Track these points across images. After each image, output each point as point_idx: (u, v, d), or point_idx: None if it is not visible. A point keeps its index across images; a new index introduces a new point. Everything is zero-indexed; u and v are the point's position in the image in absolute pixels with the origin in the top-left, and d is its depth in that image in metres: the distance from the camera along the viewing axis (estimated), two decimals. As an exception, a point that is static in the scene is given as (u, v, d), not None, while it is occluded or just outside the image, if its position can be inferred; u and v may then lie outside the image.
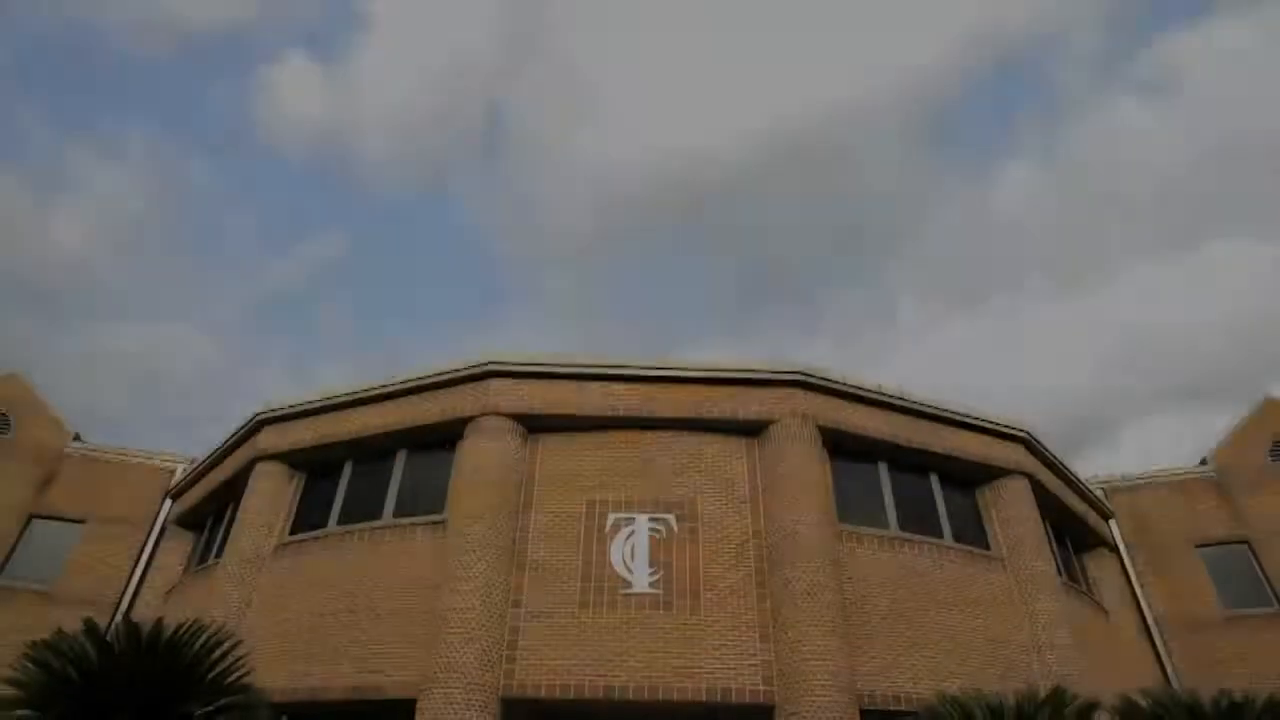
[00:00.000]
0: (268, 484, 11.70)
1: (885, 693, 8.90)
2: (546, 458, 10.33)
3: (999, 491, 11.73)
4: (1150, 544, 14.55)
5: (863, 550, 9.96)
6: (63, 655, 5.78)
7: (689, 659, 8.69)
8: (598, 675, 8.57)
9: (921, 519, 10.88)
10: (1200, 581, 14.02)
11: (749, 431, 10.50)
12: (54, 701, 5.69)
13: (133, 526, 14.14)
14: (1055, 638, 10.29)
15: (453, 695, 8.27)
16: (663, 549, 9.46)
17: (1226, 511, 14.69)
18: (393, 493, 10.75)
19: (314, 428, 11.69)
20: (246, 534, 11.20)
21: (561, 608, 9.05)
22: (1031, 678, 9.58)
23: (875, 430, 10.86)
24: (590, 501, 9.87)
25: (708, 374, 10.59)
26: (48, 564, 13.60)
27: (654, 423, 10.43)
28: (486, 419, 10.32)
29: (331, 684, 9.16)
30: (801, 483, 9.80)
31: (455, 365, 10.83)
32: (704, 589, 9.19)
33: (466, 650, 8.53)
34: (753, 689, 8.58)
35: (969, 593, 10.26)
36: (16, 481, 14.25)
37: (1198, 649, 13.41)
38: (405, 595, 9.50)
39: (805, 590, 8.96)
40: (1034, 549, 11.09)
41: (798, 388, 10.61)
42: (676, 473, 10.12)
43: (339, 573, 10.11)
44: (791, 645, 8.68)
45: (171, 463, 14.92)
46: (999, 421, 11.97)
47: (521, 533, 9.63)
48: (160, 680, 5.84)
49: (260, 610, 10.45)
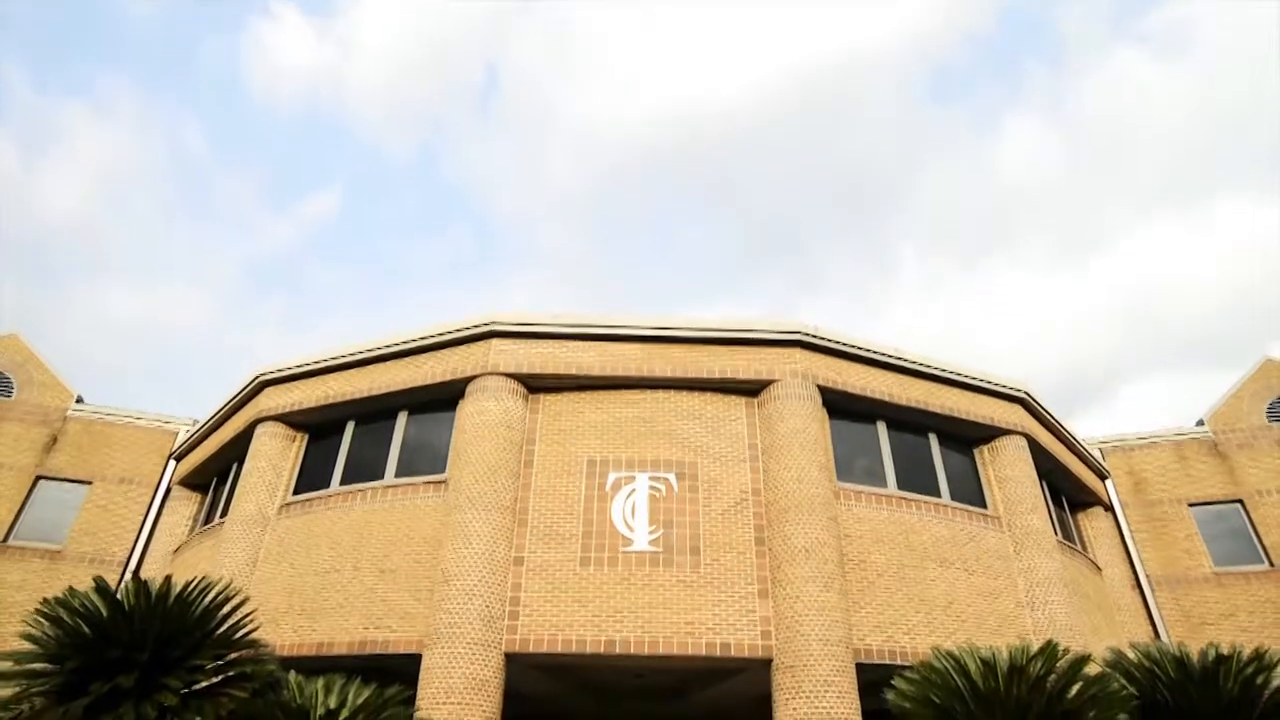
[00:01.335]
0: (270, 445, 11.78)
1: (882, 648, 9.08)
2: (547, 417, 10.39)
3: (997, 451, 11.82)
4: (1145, 503, 14.73)
5: (861, 508, 10.08)
6: (74, 612, 5.88)
7: (689, 615, 8.85)
8: (599, 631, 8.73)
9: (919, 478, 10.99)
10: (1192, 540, 14.23)
11: (749, 390, 10.54)
12: (68, 656, 5.81)
13: (138, 488, 14.29)
14: (1049, 594, 10.46)
15: (456, 650, 8.44)
16: (663, 507, 9.57)
17: (1221, 472, 14.83)
18: (394, 453, 10.83)
19: (315, 388, 11.73)
20: (250, 494, 11.31)
21: (563, 565, 9.18)
22: (1025, 633, 9.79)
23: (874, 390, 10.90)
24: (591, 460, 9.95)
25: (708, 333, 10.59)
26: (56, 525, 13.78)
27: (654, 382, 10.45)
28: (487, 379, 10.34)
29: (337, 639, 9.35)
30: (801, 442, 9.86)
31: (456, 325, 10.81)
32: (704, 546, 9.31)
33: (469, 606, 8.68)
34: (751, 644, 8.75)
35: (965, 550, 10.40)
36: (21, 443, 14.34)
37: (1188, 605, 13.67)
38: (408, 553, 9.64)
39: (804, 548, 9.08)
40: (1030, 508, 11.21)
41: (798, 347, 10.61)
42: (677, 432, 10.18)
43: (343, 531, 10.24)
44: (790, 601, 8.83)
45: (174, 425, 15.01)
46: (998, 381, 12.01)
47: (523, 491, 9.73)
48: (170, 636, 5.96)
49: (266, 568, 10.61)
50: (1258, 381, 15.70)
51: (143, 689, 5.63)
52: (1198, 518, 14.48)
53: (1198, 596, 13.73)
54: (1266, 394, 15.47)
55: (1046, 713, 5.59)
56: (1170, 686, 6.11)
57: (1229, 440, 15.10)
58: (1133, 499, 14.78)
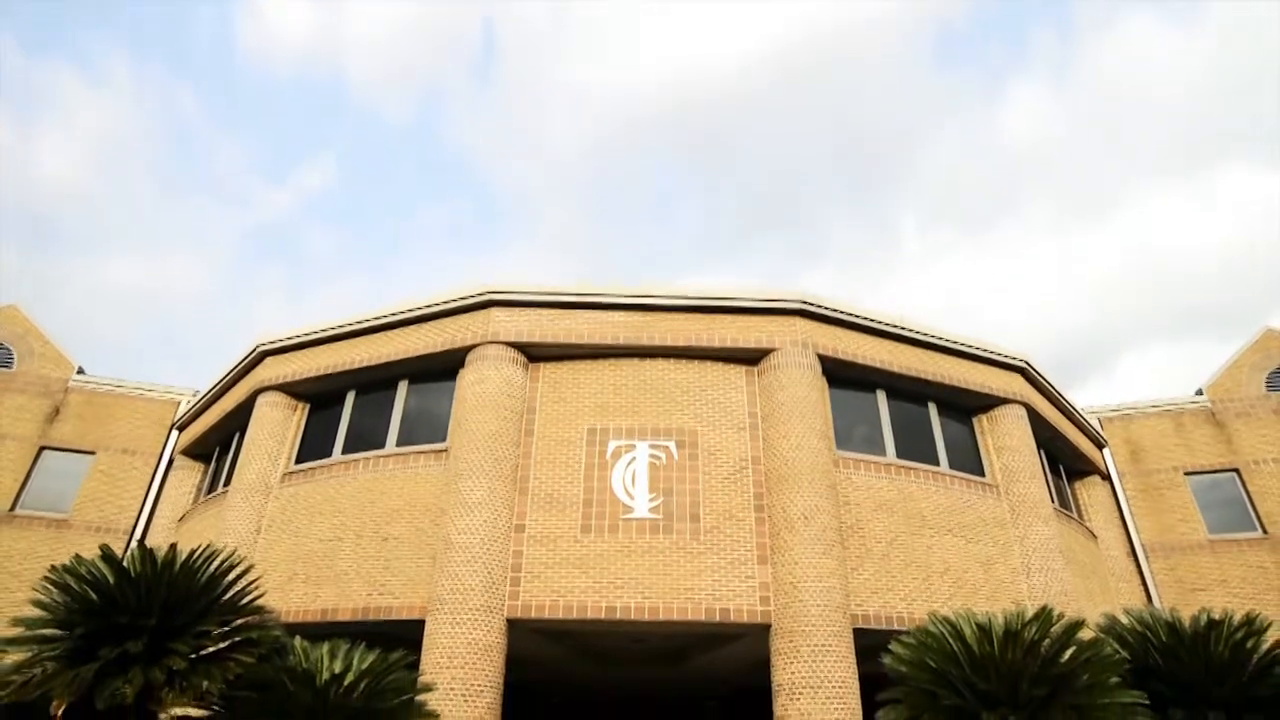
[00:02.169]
0: (271, 414, 11.82)
1: (879, 613, 9.20)
2: (547, 386, 10.41)
3: (996, 420, 11.87)
4: (1142, 472, 14.83)
5: (860, 477, 10.15)
6: (82, 579, 5.95)
7: (689, 581, 8.96)
8: (600, 597, 8.84)
9: (918, 446, 11.04)
10: (1188, 508, 14.35)
11: (749, 359, 10.54)
12: (77, 622, 5.89)
13: (141, 458, 14.38)
14: (1045, 562, 10.58)
15: (459, 616, 8.56)
16: (663, 475, 9.63)
17: (1218, 441, 14.90)
18: (395, 422, 10.87)
19: (315, 358, 11.74)
20: (253, 464, 11.38)
21: (564, 532, 9.27)
22: (1021, 599, 9.92)
23: (874, 358, 10.90)
24: (591, 429, 9.99)
25: (708, 302, 10.56)
26: (61, 494, 13.90)
27: (654, 350, 10.46)
28: (487, 348, 10.34)
29: (341, 605, 9.48)
30: (801, 410, 9.90)
31: (456, 294, 10.78)
32: (703, 514, 9.39)
33: (471, 573, 8.78)
34: (750, 610, 8.87)
35: (963, 518, 10.49)
36: (24, 414, 14.40)
37: (1182, 572, 13.84)
38: (410, 521, 9.72)
39: (802, 515, 9.16)
40: (1028, 476, 11.29)
41: (798, 316, 10.60)
42: (677, 400, 10.21)
43: (345, 500, 10.32)
44: (788, 568, 8.93)
45: (175, 395, 15.05)
46: (998, 351, 12.01)
47: (523, 460, 9.78)
48: (176, 602, 6.04)
49: (270, 536, 10.71)
50: (1257, 352, 15.71)
51: (151, 654, 5.72)
52: (1193, 486, 14.59)
53: (1191, 563, 13.89)
54: (1266, 364, 15.49)
55: (1040, 676, 5.69)
56: (1162, 650, 6.21)
57: (1227, 410, 15.15)
58: (1130, 468, 14.87)
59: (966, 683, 5.78)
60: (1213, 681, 5.93)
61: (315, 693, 6.25)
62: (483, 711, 8.21)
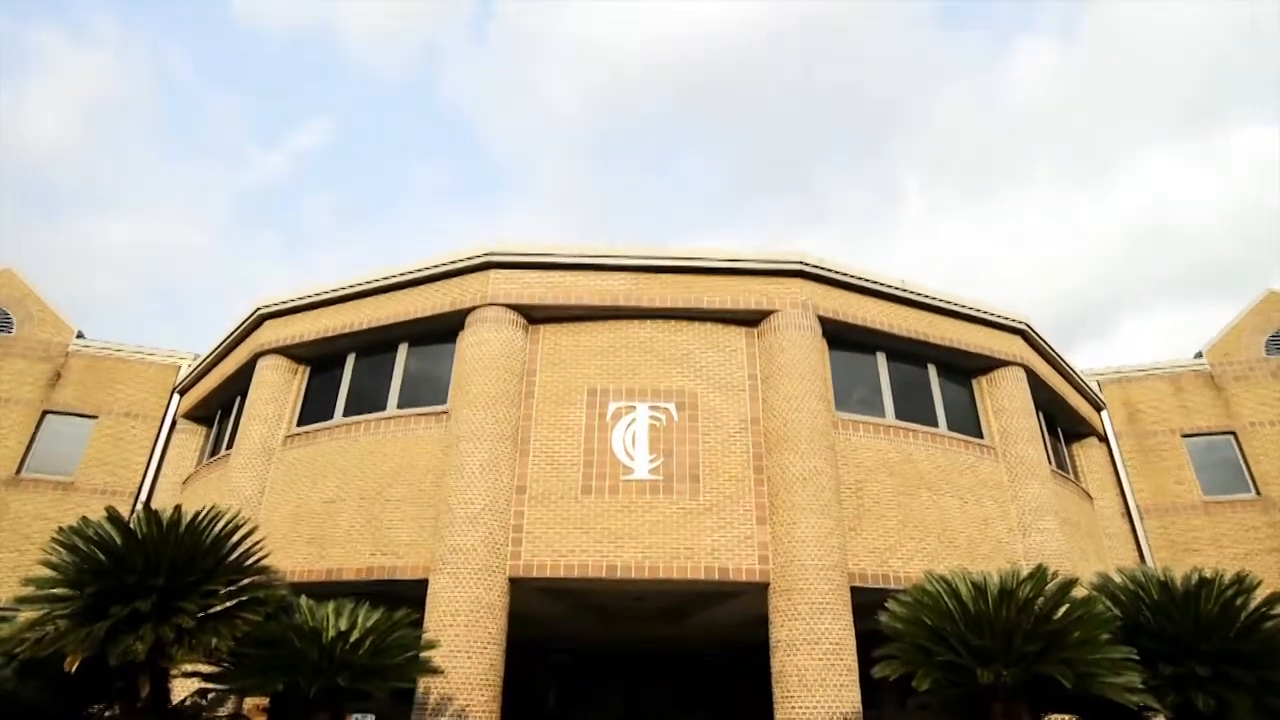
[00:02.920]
0: (272, 377, 11.85)
1: (876, 572, 9.34)
2: (547, 347, 10.41)
3: (995, 382, 11.90)
4: (1139, 434, 14.93)
5: (859, 438, 10.21)
6: (90, 540, 6.03)
7: (688, 541, 9.08)
8: (600, 556, 8.97)
9: (917, 408, 11.09)
10: (1183, 470, 14.48)
11: (749, 320, 10.53)
12: (87, 582, 5.98)
13: (144, 421, 14.47)
14: (1041, 522, 10.71)
15: (461, 575, 8.69)
16: (663, 436, 9.70)
17: (1216, 404, 14.97)
18: (396, 384, 10.91)
19: (315, 321, 11.73)
20: (255, 426, 11.45)
21: (564, 493, 9.36)
22: (1016, 558, 10.06)
23: (875, 320, 10.89)
24: (591, 390, 10.02)
25: (708, 263, 10.51)
26: (66, 458, 14.02)
27: (654, 312, 10.44)
28: (486, 309, 10.32)
29: (346, 565, 9.62)
30: (800, 371, 9.92)
31: (454, 256, 10.73)
32: (703, 474, 9.47)
33: (472, 533, 8.90)
34: (749, 568, 9.01)
35: (961, 479, 10.59)
36: (25, 379, 14.44)
37: (1175, 533, 14.02)
38: (412, 482, 9.81)
39: (801, 476, 9.25)
40: (1026, 438, 11.36)
41: (798, 277, 10.56)
42: (677, 361, 10.23)
43: (347, 462, 10.40)
44: (787, 527, 9.04)
45: (176, 359, 15.08)
46: (998, 313, 12.00)
47: (524, 421, 9.83)
48: (183, 562, 6.12)
49: (273, 498, 10.83)
50: (1258, 314, 15.68)
51: (160, 613, 5.82)
52: (1190, 449, 14.70)
53: (1184, 524, 14.06)
54: (1267, 327, 15.47)
55: (1033, 633, 5.80)
56: (1153, 608, 6.32)
57: (1226, 373, 15.19)
58: (1127, 430, 14.96)
59: (961, 639, 5.89)
60: (1201, 637, 6.04)
61: (322, 649, 6.38)
62: (486, 668, 8.39)
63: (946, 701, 6.47)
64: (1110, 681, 5.53)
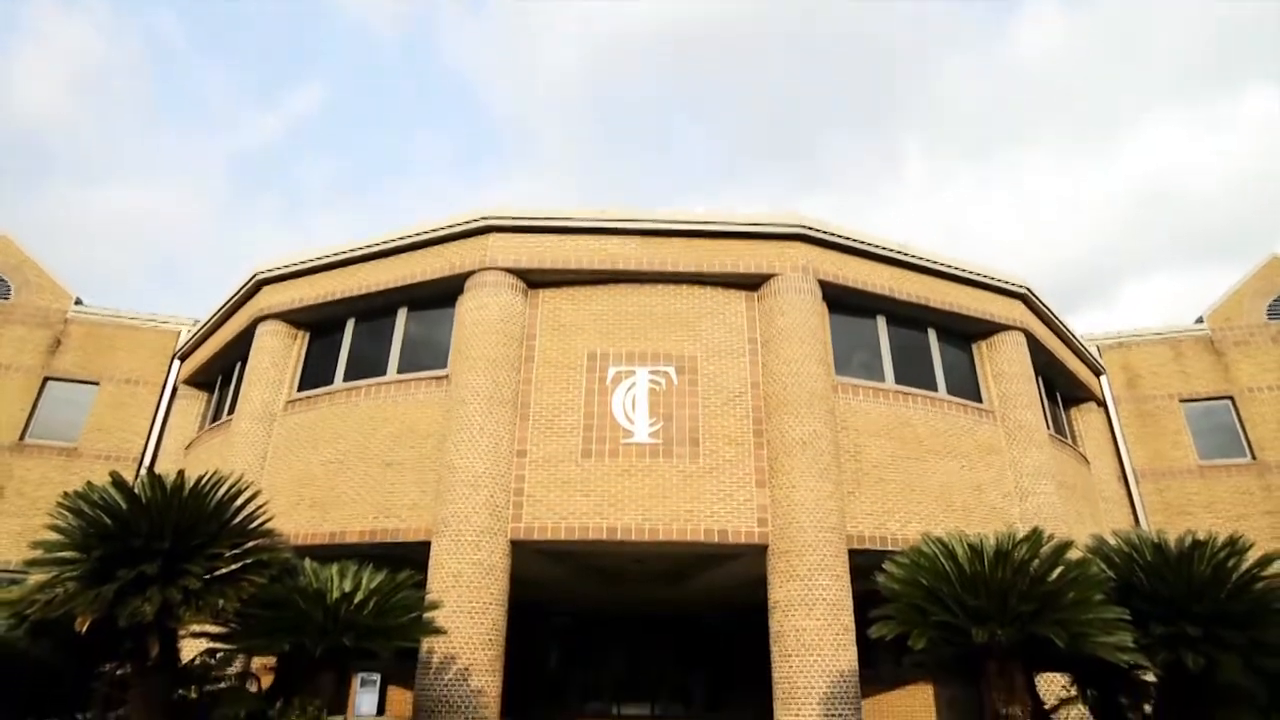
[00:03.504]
0: (272, 342, 11.85)
1: (874, 534, 9.45)
2: (546, 312, 10.39)
3: (995, 346, 11.90)
4: (1137, 398, 14.98)
5: (858, 402, 10.24)
6: (95, 505, 6.08)
7: (688, 504, 9.16)
8: (601, 519, 9.06)
9: (917, 372, 11.11)
10: (1180, 434, 14.56)
11: (749, 284, 10.49)
12: (94, 545, 6.05)
13: (145, 387, 14.51)
14: (1038, 486, 10.79)
15: (463, 538, 8.79)
16: (663, 400, 9.73)
17: (1215, 369, 14.99)
18: (396, 349, 10.91)
19: (313, 286, 11.68)
20: (255, 392, 11.48)
21: (565, 457, 9.42)
22: (1012, 521, 10.16)
23: (876, 284, 10.85)
24: (591, 355, 10.03)
25: (708, 227, 10.44)
26: (69, 424, 14.09)
27: (654, 276, 10.40)
28: (485, 274, 10.28)
29: (349, 528, 9.72)
30: (800, 336, 9.91)
31: (453, 221, 10.65)
32: (703, 438, 9.52)
33: (474, 497, 8.97)
34: (748, 531, 9.10)
35: (959, 443, 10.65)
36: (25, 345, 14.45)
37: (1170, 496, 14.15)
38: (413, 447, 9.87)
39: (800, 440, 9.30)
40: (1025, 403, 11.40)
41: (799, 241, 10.49)
42: (676, 325, 10.22)
43: (348, 427, 10.45)
44: (786, 491, 9.12)
45: (175, 325, 15.07)
46: (999, 277, 11.95)
47: (524, 386, 9.86)
48: (188, 526, 6.18)
49: (276, 463, 10.90)
50: (1261, 279, 15.61)
51: (167, 575, 5.89)
52: (1187, 413, 14.77)
53: (1180, 488, 14.18)
54: (1269, 291, 15.42)
55: (1028, 594, 5.87)
56: (1146, 570, 6.39)
57: (1226, 338, 15.18)
58: (1126, 394, 15.01)
59: (957, 600, 5.97)
60: (1193, 598, 6.12)
61: (326, 610, 6.48)
62: (488, 628, 8.53)
63: (941, 661, 6.58)
64: (1103, 641, 5.63)
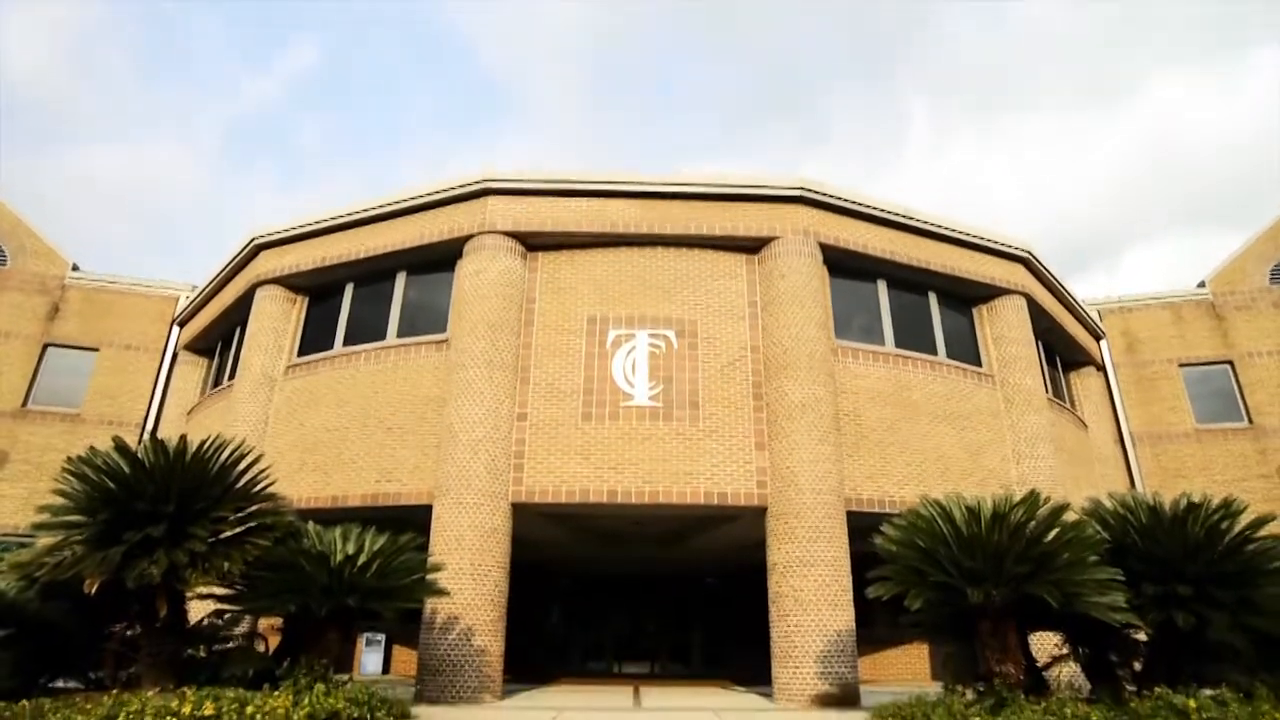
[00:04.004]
0: (271, 308, 11.82)
1: (872, 497, 9.53)
2: (546, 275, 10.35)
3: (996, 310, 11.88)
4: (1136, 363, 15.00)
5: (858, 365, 10.26)
6: (99, 469, 6.13)
7: (688, 466, 9.23)
8: (601, 482, 9.13)
9: (917, 336, 11.11)
10: (1178, 399, 14.61)
11: (749, 247, 10.44)
12: (99, 509, 6.12)
13: (145, 353, 14.51)
14: (1036, 450, 10.86)
15: (465, 501, 8.87)
16: (662, 363, 9.74)
17: (1215, 334, 14.98)
18: (395, 313, 10.89)
19: (312, 250, 11.62)
20: (256, 357, 11.48)
21: (565, 420, 9.46)
22: (1010, 484, 10.23)
23: (877, 247, 10.79)
24: (591, 318, 10.01)
25: (708, 189, 10.35)
26: (72, 390, 14.12)
27: (654, 239, 10.34)
28: (485, 237, 10.21)
29: (351, 491, 9.81)
30: (800, 299, 9.89)
31: (451, 184, 10.55)
32: (703, 401, 9.56)
33: (475, 460, 9.03)
34: (747, 493, 9.19)
35: (958, 407, 10.69)
36: (24, 312, 14.41)
37: (1167, 460, 14.24)
38: (414, 411, 9.91)
39: (800, 403, 9.33)
40: (1025, 367, 11.41)
41: (800, 203, 10.41)
42: (676, 289, 10.19)
43: (349, 391, 10.48)
44: (785, 454, 9.18)
45: (174, 290, 15.01)
46: (1001, 241, 11.87)
47: (524, 349, 9.86)
48: (192, 490, 6.24)
49: (277, 427, 10.95)
50: (1266, 243, 15.50)
51: (173, 538, 5.97)
52: (1186, 378, 14.80)
53: (1176, 451, 14.28)
54: (1273, 255, 15.32)
55: (1024, 555, 5.95)
56: (1141, 531, 6.47)
57: (1228, 302, 15.14)
58: (1125, 359, 15.02)
59: (953, 561, 6.05)
60: (1186, 559, 6.21)
61: (330, 572, 6.57)
62: (491, 589, 8.66)
63: (937, 621, 6.71)
64: (1095, 601, 5.72)
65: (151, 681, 6.06)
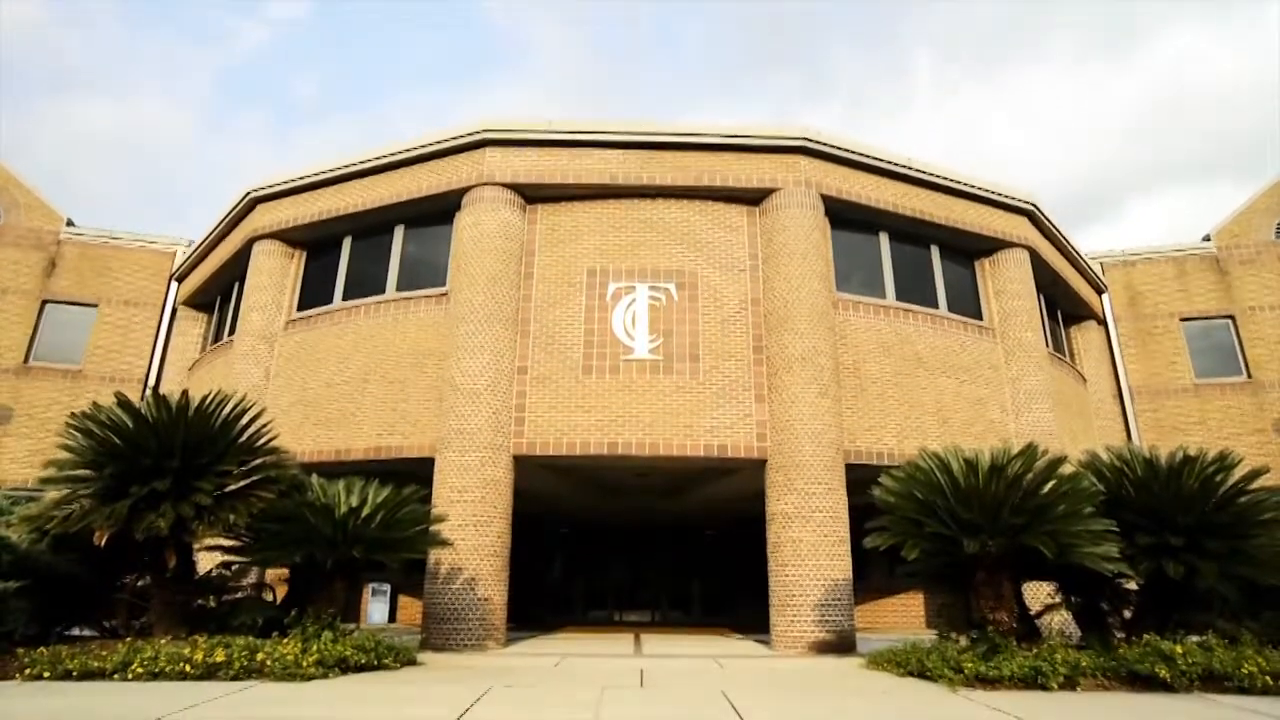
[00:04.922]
0: (269, 263, 11.75)
1: (871, 449, 9.61)
2: (545, 228, 10.26)
3: (998, 263, 11.80)
4: (1138, 316, 14.95)
5: (859, 318, 10.24)
6: (103, 425, 6.17)
7: (688, 419, 9.28)
8: (602, 435, 9.19)
9: (918, 289, 11.06)
10: (1178, 353, 14.61)
11: (750, 199, 10.32)
12: (105, 464, 6.18)
13: (145, 309, 14.47)
14: (1035, 403, 10.91)
15: (467, 454, 8.95)
16: (663, 316, 9.72)
17: (1218, 288, 14.91)
18: (394, 267, 10.83)
19: (308, 204, 11.49)
20: (255, 312, 11.46)
21: (566, 373, 9.49)
22: (1008, 438, 10.31)
23: (879, 199, 10.67)
24: (590, 271, 9.96)
25: (709, 139, 10.18)
26: (72, 346, 14.11)
27: (653, 190, 10.22)
28: (483, 189, 10.09)
29: (354, 445, 9.89)
30: (802, 251, 9.82)
31: (448, 135, 10.37)
32: (703, 354, 9.57)
33: (476, 413, 9.09)
34: (747, 446, 9.26)
35: (959, 360, 10.70)
36: (20, 268, 14.32)
37: (1164, 414, 14.31)
38: (414, 364, 9.93)
39: (800, 355, 9.34)
40: (1026, 321, 11.39)
41: (801, 154, 10.25)
42: (676, 241, 10.11)
43: (349, 345, 10.49)
44: (785, 406, 9.22)
45: (170, 245, 14.89)
46: (1005, 192, 11.73)
47: (524, 302, 9.83)
48: (196, 444, 6.30)
49: (279, 382, 10.99)
50: (1272, 196, 15.31)
51: (179, 492, 6.05)
52: (1187, 332, 14.77)
53: (1174, 406, 14.33)
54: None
55: (1021, 506, 6.04)
56: (1136, 484, 6.55)
57: (1232, 256, 15.03)
58: (1127, 313, 14.98)
59: (950, 513, 6.14)
60: (1180, 511, 6.29)
61: (335, 524, 6.67)
62: (493, 540, 8.79)
63: (933, 570, 6.84)
64: (1089, 551, 5.82)
65: (163, 630, 6.22)
